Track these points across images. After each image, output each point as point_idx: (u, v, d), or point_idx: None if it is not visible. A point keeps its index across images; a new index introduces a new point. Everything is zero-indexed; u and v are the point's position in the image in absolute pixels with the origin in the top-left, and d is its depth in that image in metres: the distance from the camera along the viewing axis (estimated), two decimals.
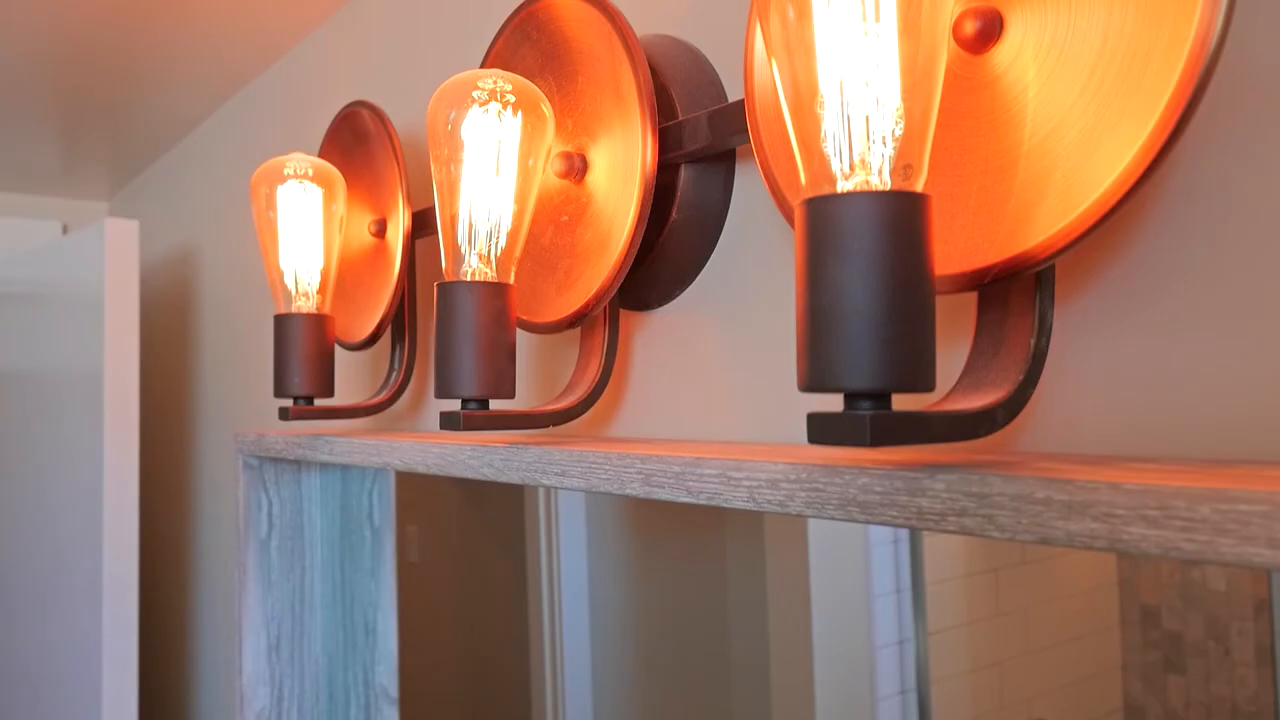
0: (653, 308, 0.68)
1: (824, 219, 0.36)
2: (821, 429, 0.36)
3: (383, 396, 0.87)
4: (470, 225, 0.62)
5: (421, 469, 0.70)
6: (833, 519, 0.43)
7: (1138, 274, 0.42)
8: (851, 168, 0.38)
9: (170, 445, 1.68)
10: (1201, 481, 0.31)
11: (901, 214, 0.35)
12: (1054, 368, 0.45)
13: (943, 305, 0.49)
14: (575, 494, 1.96)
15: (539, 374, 0.79)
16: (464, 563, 2.00)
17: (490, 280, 0.60)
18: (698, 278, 0.64)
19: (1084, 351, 0.44)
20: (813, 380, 0.36)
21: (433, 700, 2.00)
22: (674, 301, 0.66)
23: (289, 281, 0.84)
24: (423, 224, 0.84)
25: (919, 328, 0.35)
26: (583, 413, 0.64)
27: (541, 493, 1.90)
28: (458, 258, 0.61)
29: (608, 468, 0.54)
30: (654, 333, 0.68)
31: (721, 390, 0.63)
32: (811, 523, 1.94)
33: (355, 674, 1.08)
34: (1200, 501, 0.31)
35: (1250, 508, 0.29)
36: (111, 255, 1.25)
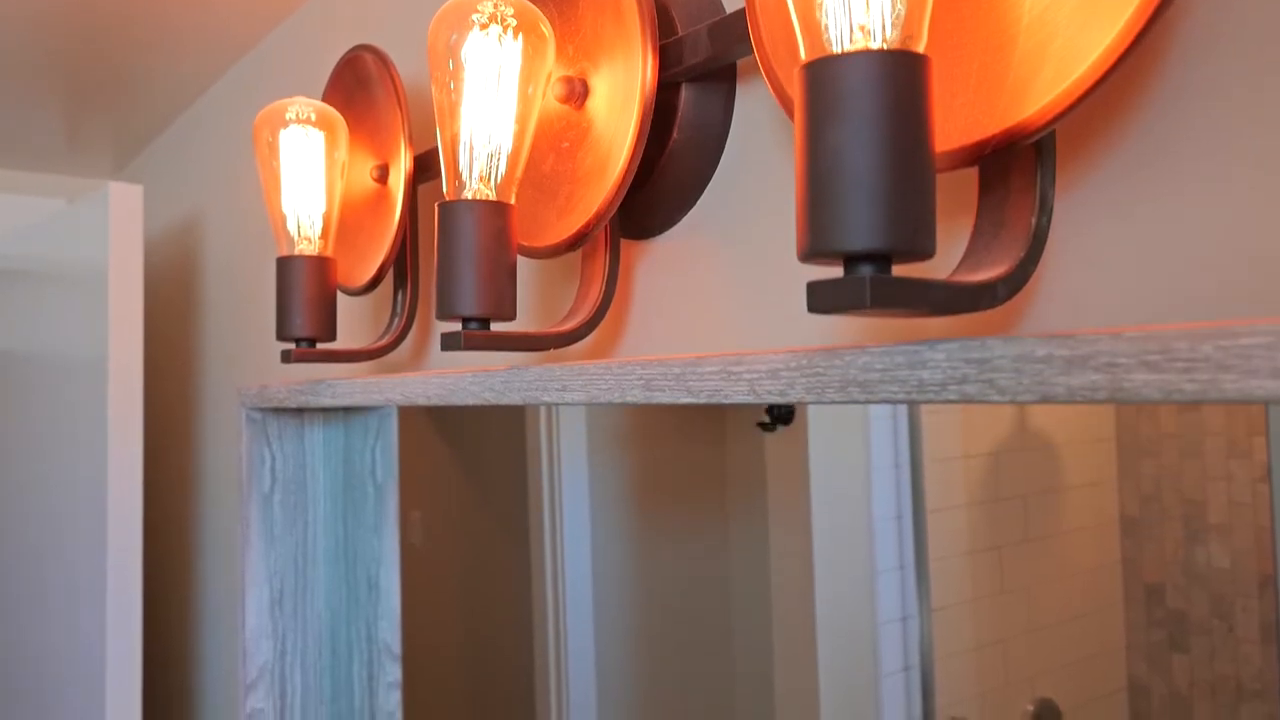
0: (654, 235, 0.67)
1: (823, 81, 0.36)
2: (820, 296, 0.36)
3: (385, 340, 0.87)
4: (471, 148, 0.62)
5: (423, 401, 0.70)
6: (833, 403, 0.42)
7: (1139, 147, 0.42)
8: (851, 40, 0.38)
9: (174, 409, 1.68)
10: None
11: (901, 73, 0.35)
12: (1056, 250, 0.45)
13: (944, 195, 0.49)
14: (579, 474, 1.96)
15: (540, 308, 0.79)
16: (468, 547, 2.00)
17: (491, 200, 0.60)
18: (699, 200, 0.64)
19: (1086, 232, 0.44)
20: (812, 245, 0.36)
21: (437, 680, 2.00)
22: (675, 227, 0.66)
23: (291, 226, 0.84)
24: (425, 167, 0.84)
25: (918, 189, 0.35)
26: (584, 335, 0.64)
27: (545, 473, 1.90)
28: (458, 180, 0.61)
29: (608, 378, 0.54)
30: (656, 260, 0.68)
31: (724, 317, 0.63)
32: (816, 496, 1.93)
33: (358, 629, 1.08)
34: (1202, 340, 0.30)
35: (1252, 340, 0.29)
36: (116, 220, 1.26)
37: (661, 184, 0.64)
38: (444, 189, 0.61)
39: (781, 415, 1.89)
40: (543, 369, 0.58)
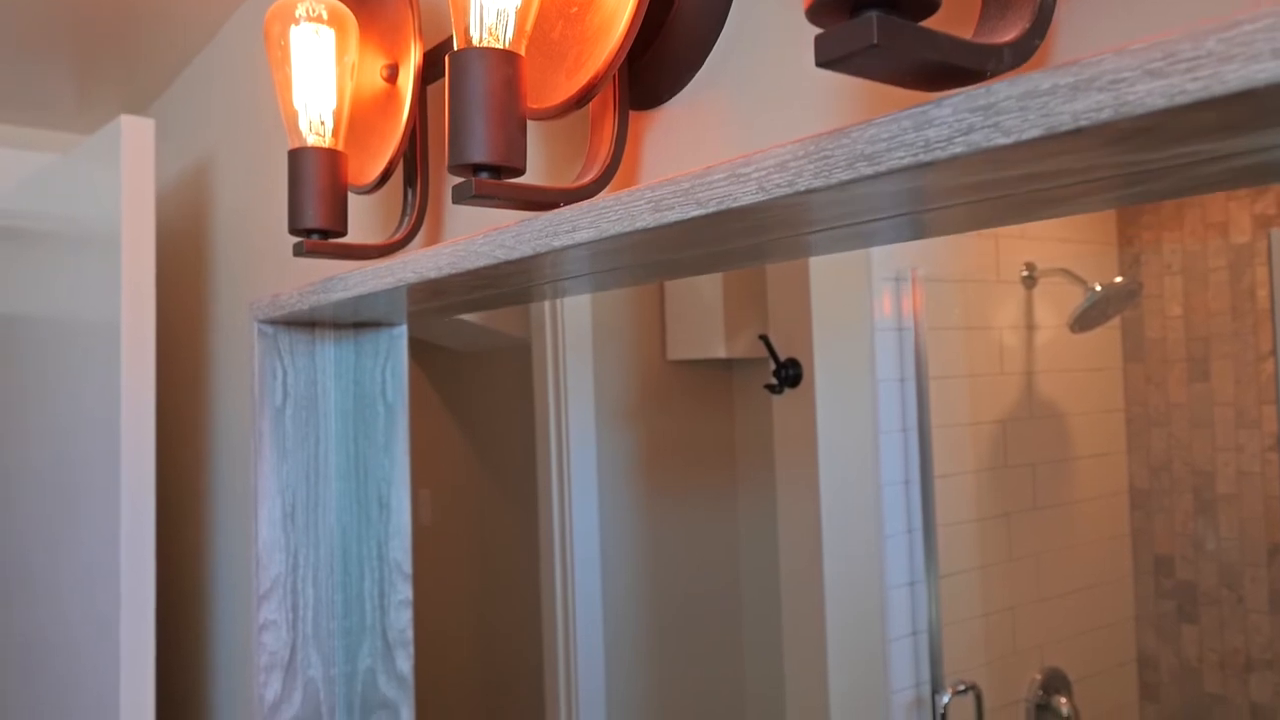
0: (662, 101, 0.68)
1: None
2: (827, 43, 0.37)
3: (397, 236, 0.87)
4: (480, 4, 0.62)
5: (434, 274, 0.71)
6: (840, 183, 0.43)
7: None
8: None
9: (187, 339, 1.69)
10: None
11: None
12: (1062, 31, 0.45)
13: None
14: (587, 448, 1.96)
15: (549, 180, 0.80)
16: (477, 523, 2.00)
17: (500, 49, 0.60)
18: (706, 61, 0.65)
19: (1094, 11, 0.44)
20: None
21: (447, 653, 2.00)
22: (685, 91, 0.67)
23: (303, 122, 0.85)
24: (434, 62, 0.85)
25: None
26: (595, 192, 0.64)
27: (554, 448, 1.90)
28: (467, 37, 0.62)
29: (617, 208, 0.54)
30: (664, 127, 0.68)
31: None
32: (823, 460, 1.90)
33: (369, 547, 1.08)
34: (1205, 37, 0.31)
35: (1254, 25, 0.30)
36: (128, 153, 1.27)
37: (669, 44, 0.65)
38: (454, 47, 0.62)
39: (789, 378, 1.89)
40: (551, 214, 0.59)
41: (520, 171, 0.61)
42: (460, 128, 0.59)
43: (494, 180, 0.60)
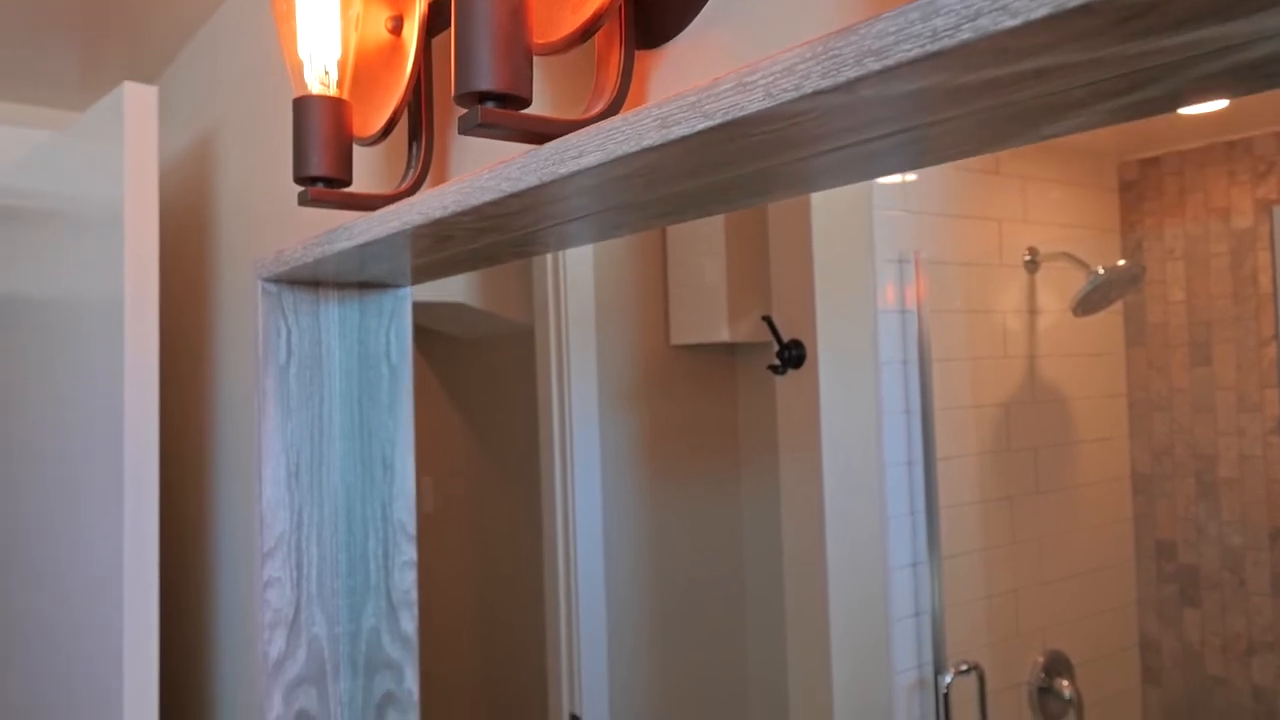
0: (668, 39, 0.68)
1: None
2: None
3: (402, 187, 0.87)
4: None
5: (440, 213, 0.71)
6: (848, 82, 0.43)
7: None
8: None
9: (191, 306, 1.69)
10: None
11: None
12: None
13: None
14: (590, 433, 1.96)
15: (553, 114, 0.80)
16: (479, 513, 2.01)
17: None
18: None
19: None
20: None
21: (451, 639, 2.00)
22: (690, 27, 0.67)
23: (308, 72, 0.85)
24: (438, 13, 0.85)
25: None
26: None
27: (556, 434, 1.90)
28: None
29: (624, 129, 0.54)
30: (671, 65, 0.68)
31: None
32: (826, 441, 1.90)
33: (374, 508, 1.09)
34: None
35: None
36: (130, 120, 1.27)
37: None
38: None
39: (792, 359, 1.89)
40: (557, 142, 0.59)
41: (526, 102, 0.61)
42: (466, 56, 0.59)
43: (500, 109, 0.60)
